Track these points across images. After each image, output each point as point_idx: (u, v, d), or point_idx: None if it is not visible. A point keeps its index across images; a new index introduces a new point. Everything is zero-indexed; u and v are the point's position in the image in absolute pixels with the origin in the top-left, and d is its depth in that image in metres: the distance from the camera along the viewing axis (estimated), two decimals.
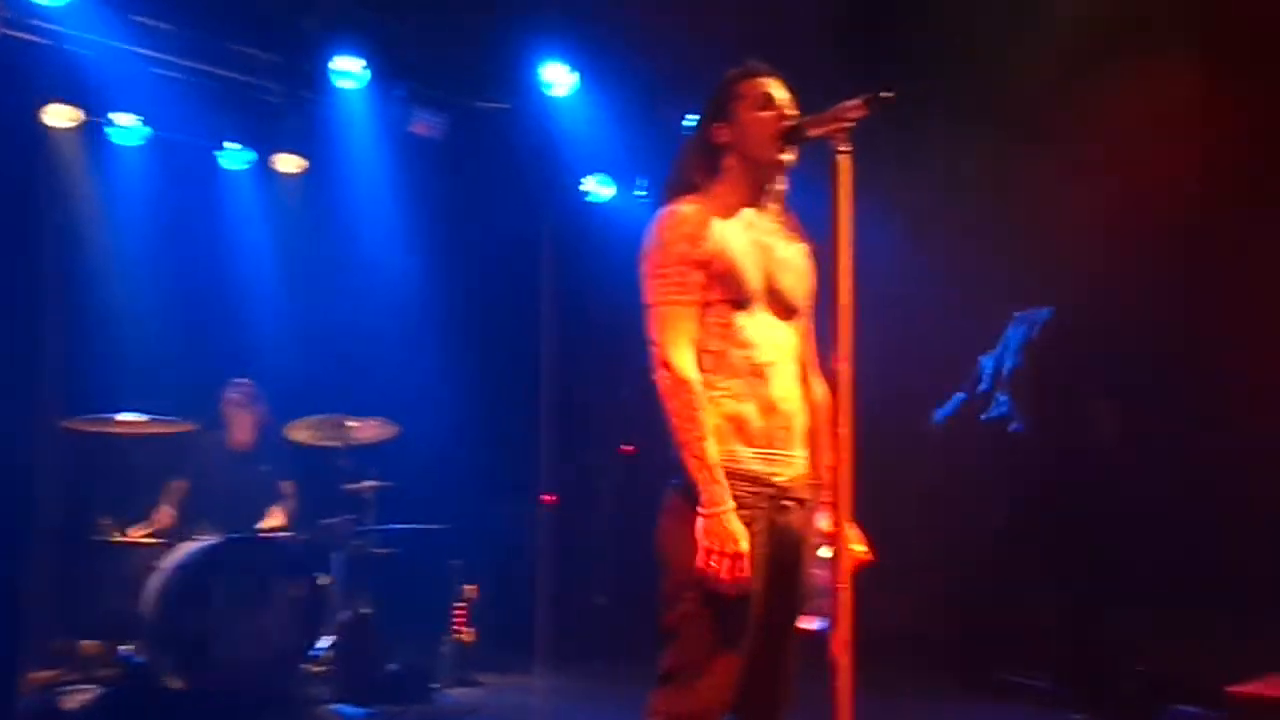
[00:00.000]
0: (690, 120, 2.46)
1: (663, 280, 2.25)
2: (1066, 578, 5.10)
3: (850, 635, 2.01)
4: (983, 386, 5.37)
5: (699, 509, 2.15)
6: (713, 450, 2.17)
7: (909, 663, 5.34)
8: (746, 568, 2.13)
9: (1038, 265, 5.38)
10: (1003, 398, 5.26)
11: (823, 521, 2.37)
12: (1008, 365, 5.28)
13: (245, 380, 5.31)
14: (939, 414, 5.57)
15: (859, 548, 2.28)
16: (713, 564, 2.11)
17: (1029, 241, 5.24)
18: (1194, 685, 4.57)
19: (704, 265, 2.25)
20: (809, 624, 2.34)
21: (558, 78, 5.89)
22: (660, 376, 2.21)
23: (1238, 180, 4.88)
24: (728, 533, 2.12)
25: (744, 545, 2.13)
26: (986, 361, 5.44)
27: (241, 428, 5.25)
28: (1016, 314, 5.36)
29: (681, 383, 2.19)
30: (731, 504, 2.15)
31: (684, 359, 2.21)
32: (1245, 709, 3.00)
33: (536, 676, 5.59)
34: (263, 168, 6.04)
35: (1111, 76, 5.10)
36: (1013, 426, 5.19)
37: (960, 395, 5.53)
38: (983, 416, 5.28)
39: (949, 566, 5.58)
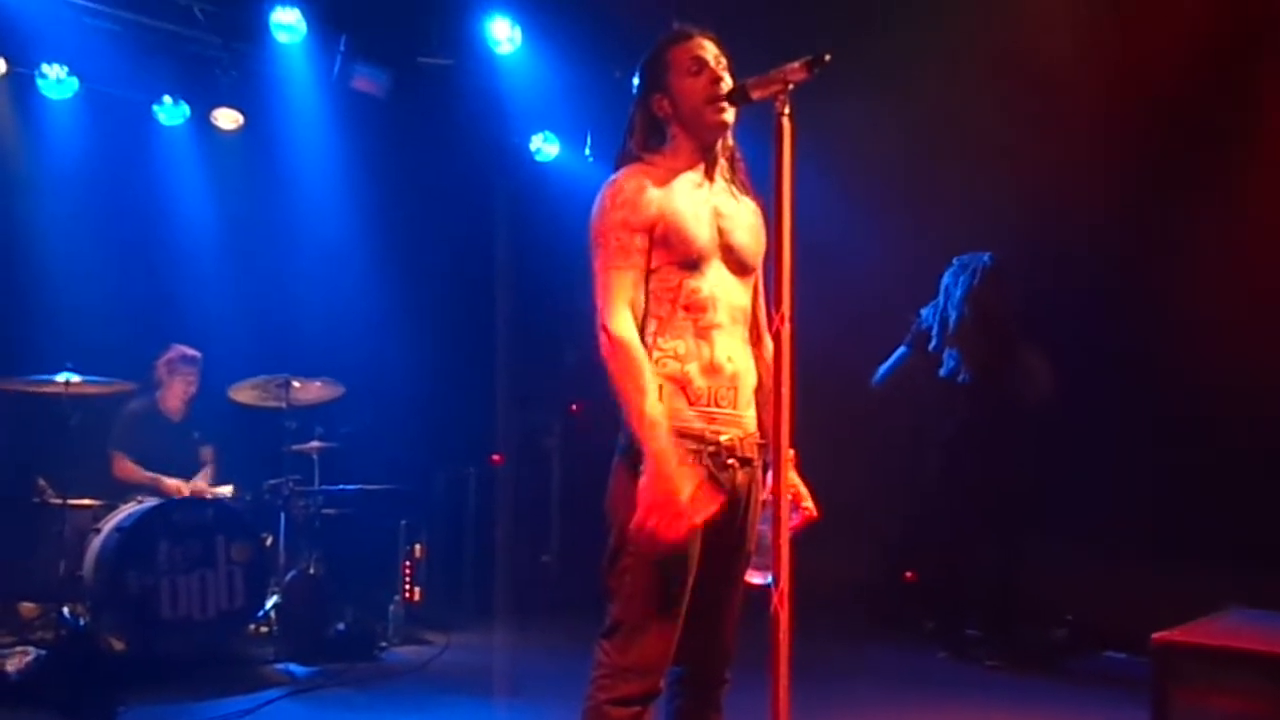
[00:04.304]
0: (634, 83, 2.45)
1: (604, 248, 2.29)
2: (1000, 528, 5.12)
3: (788, 589, 2.05)
4: (934, 345, 5.21)
5: (643, 467, 2.16)
6: (654, 408, 2.19)
7: (846, 612, 5.48)
8: (683, 528, 2.15)
9: (971, 213, 5.35)
10: (952, 352, 5.14)
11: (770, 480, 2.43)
12: (953, 318, 5.13)
13: (189, 348, 5.24)
14: (880, 371, 5.45)
15: (807, 504, 2.35)
16: (650, 522, 2.13)
17: (965, 188, 5.20)
18: (1122, 633, 4.73)
19: (646, 230, 2.28)
20: (759, 579, 2.39)
21: (502, 33, 5.83)
22: (600, 341, 2.24)
23: (1178, 118, 4.91)
24: (667, 493, 2.14)
25: (685, 503, 2.14)
26: (927, 313, 5.30)
27: (177, 393, 5.20)
28: (955, 260, 5.23)
29: (618, 343, 2.22)
30: (674, 461, 2.17)
31: (621, 321, 2.24)
32: (1167, 655, 3.12)
33: (484, 634, 5.62)
34: (200, 123, 5.90)
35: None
36: (960, 378, 5.11)
37: (902, 349, 5.39)
38: (941, 373, 5.15)
39: (885, 520, 5.68)
